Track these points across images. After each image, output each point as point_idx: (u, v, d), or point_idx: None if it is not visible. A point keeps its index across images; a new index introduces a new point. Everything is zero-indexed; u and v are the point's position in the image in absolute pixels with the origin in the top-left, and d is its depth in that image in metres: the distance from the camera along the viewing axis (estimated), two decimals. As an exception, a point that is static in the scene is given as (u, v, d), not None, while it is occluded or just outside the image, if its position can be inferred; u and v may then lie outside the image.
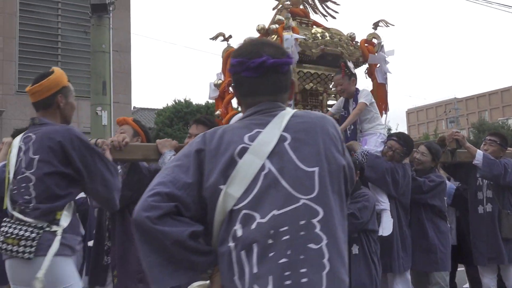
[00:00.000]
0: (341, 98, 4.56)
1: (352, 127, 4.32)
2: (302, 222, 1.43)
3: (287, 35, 4.53)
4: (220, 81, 5.24)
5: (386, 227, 3.99)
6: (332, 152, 1.57)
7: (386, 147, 4.18)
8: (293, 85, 1.71)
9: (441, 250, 4.29)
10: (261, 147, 1.51)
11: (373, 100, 4.39)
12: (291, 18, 4.70)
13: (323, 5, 5.40)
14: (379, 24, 5.17)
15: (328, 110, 4.85)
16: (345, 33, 5.17)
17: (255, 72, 1.60)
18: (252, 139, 1.53)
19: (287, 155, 1.51)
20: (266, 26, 4.84)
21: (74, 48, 13.29)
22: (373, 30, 5.17)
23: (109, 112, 8.94)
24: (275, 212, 1.43)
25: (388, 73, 5.13)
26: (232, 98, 5.17)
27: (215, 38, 5.29)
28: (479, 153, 4.60)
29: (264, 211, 1.44)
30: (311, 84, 4.93)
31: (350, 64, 4.45)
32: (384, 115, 5.29)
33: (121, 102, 13.98)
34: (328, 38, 4.89)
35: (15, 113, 12.31)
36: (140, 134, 3.57)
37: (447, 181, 4.94)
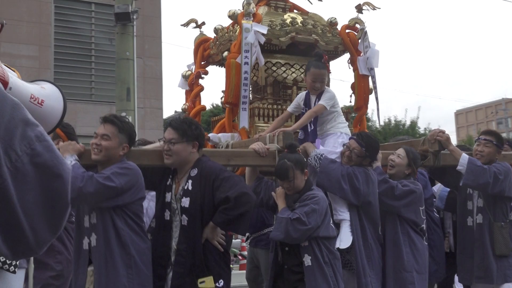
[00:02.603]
0: (300, 94, 4.07)
1: (312, 127, 3.83)
2: None
3: (246, 24, 4.14)
4: (189, 72, 4.92)
5: (344, 239, 3.49)
6: None
7: (345, 146, 3.67)
8: None
9: (417, 271, 3.70)
10: None
11: (336, 103, 3.89)
12: (252, 4, 4.29)
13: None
14: (363, 8, 4.65)
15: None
16: (327, 19, 4.69)
17: None
18: None
19: None
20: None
21: (107, 55, 13.45)
22: (356, 14, 4.66)
23: (133, 117, 9.05)
24: None
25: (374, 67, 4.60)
26: (200, 90, 4.83)
27: (186, 24, 4.98)
28: (464, 158, 3.97)
29: None
30: (283, 75, 4.48)
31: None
32: (377, 112, 4.78)
33: (153, 107, 14.05)
34: (299, 25, 4.45)
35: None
36: (60, 136, 3.31)
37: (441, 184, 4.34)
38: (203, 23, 5.03)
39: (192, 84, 4.85)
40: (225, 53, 4.29)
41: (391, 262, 3.71)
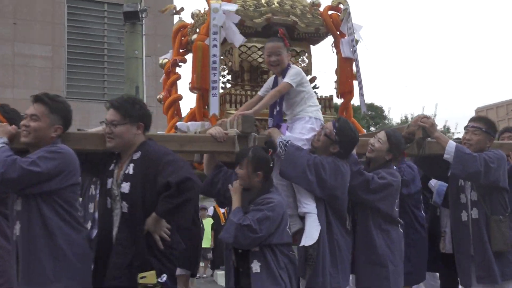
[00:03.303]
0: (272, 77, 3.76)
1: (278, 108, 3.48)
2: None
3: (215, 4, 3.88)
4: (165, 60, 4.69)
5: (309, 235, 3.16)
6: None
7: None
8: None
9: (392, 262, 3.35)
10: None
11: (304, 80, 3.51)
12: (222, -17, 4.02)
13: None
14: (348, -13, 4.32)
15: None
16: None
17: None
18: None
19: None
20: None
21: (119, 54, 13.41)
22: (340, -6, 4.34)
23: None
24: None
25: (359, 48, 4.28)
26: (177, 79, 4.59)
27: (163, 11, 4.76)
28: (451, 145, 3.57)
29: None
30: (259, 60, 4.19)
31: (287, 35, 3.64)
32: (360, 98, 4.43)
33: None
34: (275, 5, 4.16)
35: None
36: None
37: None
38: (182, 9, 4.80)
39: (169, 73, 4.61)
40: (194, 36, 4.04)
41: (363, 257, 3.38)
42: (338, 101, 4.72)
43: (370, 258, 3.36)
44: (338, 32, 4.31)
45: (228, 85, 4.42)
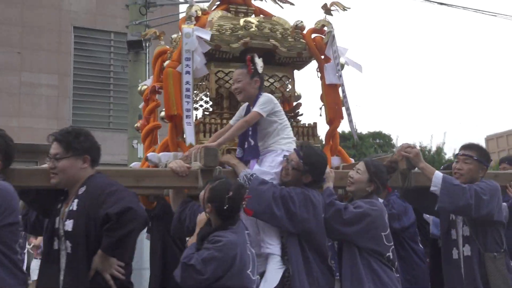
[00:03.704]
0: (244, 105, 3.52)
1: (252, 142, 3.23)
2: None
3: (187, 29, 3.68)
4: (144, 87, 4.49)
5: (269, 279, 2.87)
6: None
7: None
8: None
9: None
10: None
11: (277, 109, 3.28)
12: (196, 6, 3.83)
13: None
14: (332, 8, 4.09)
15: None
16: (293, 23, 4.15)
17: None
18: None
19: None
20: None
21: (125, 83, 13.40)
22: (324, 16, 4.11)
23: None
24: None
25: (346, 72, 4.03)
26: (156, 106, 4.37)
27: (144, 36, 4.63)
28: (437, 176, 3.27)
29: None
30: (238, 87, 3.95)
31: (259, 61, 3.41)
32: (350, 125, 4.15)
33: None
34: (254, 29, 3.93)
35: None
36: None
37: None
38: (163, 33, 4.62)
39: (147, 100, 4.41)
40: (166, 62, 3.84)
41: None
42: (322, 129, 4.44)
43: None
44: (322, 57, 4.07)
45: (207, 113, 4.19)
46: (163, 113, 4.02)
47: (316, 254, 2.98)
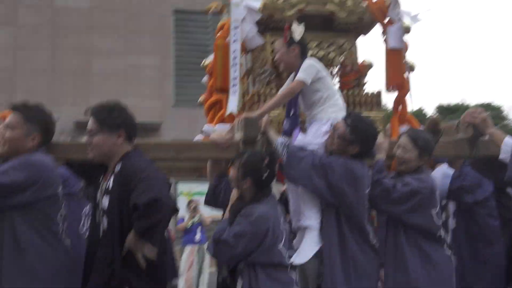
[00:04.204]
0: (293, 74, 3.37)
1: (293, 110, 3.10)
2: None
3: (236, -3, 3.60)
4: (209, 60, 4.50)
5: (302, 252, 2.76)
6: None
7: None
8: None
9: None
10: None
11: (321, 75, 3.07)
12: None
13: None
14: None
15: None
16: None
17: None
18: None
19: None
20: None
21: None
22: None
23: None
24: None
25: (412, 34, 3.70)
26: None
27: (207, 10, 4.53)
28: (507, 143, 2.94)
29: None
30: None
31: (298, 28, 3.22)
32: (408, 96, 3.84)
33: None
34: (309, -7, 3.74)
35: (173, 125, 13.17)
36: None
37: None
38: (225, 6, 4.59)
39: (211, 74, 4.43)
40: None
41: (390, 281, 2.84)
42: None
43: (400, 282, 2.82)
44: (385, 19, 3.78)
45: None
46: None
47: (353, 230, 2.81)
